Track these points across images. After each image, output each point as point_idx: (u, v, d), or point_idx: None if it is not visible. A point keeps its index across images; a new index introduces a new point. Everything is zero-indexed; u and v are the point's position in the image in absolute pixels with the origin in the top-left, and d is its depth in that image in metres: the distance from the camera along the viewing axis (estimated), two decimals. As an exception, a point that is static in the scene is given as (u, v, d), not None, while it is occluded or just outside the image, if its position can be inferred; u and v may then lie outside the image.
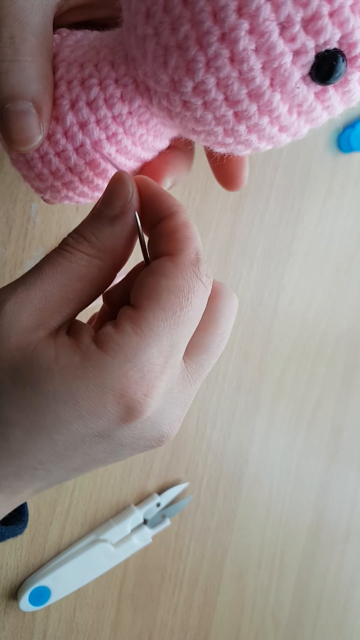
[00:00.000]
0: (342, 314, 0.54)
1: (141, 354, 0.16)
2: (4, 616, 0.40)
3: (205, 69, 0.15)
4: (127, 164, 0.21)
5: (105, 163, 0.20)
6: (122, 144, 0.20)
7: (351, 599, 0.61)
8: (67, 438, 0.16)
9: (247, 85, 0.15)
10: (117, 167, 0.19)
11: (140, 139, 0.20)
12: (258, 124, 0.17)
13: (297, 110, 0.17)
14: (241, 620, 0.52)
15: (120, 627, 0.45)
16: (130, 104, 0.19)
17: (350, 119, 0.49)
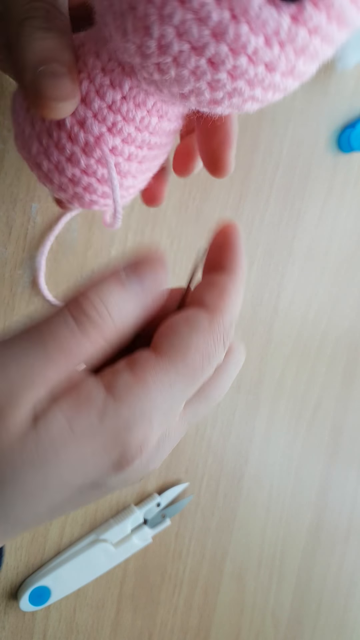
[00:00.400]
0: (343, 314, 0.54)
1: (156, 408, 0.15)
2: (4, 616, 0.40)
3: (159, 21, 0.14)
4: (141, 153, 0.20)
5: (115, 156, 0.19)
6: (124, 132, 0.19)
7: (351, 599, 0.61)
8: (67, 494, 0.15)
9: (207, 24, 0.14)
10: (110, 170, 0.19)
11: (143, 123, 0.19)
12: (237, 66, 0.15)
13: (277, 40, 0.14)
14: (241, 620, 0.52)
15: (120, 627, 0.45)
16: (121, 89, 0.18)
17: (351, 118, 0.49)
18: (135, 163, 0.20)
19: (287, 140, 0.47)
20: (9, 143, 0.35)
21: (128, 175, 0.20)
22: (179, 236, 0.43)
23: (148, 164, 0.21)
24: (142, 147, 0.20)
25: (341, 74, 0.48)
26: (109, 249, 0.39)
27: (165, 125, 0.20)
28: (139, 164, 0.20)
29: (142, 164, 0.20)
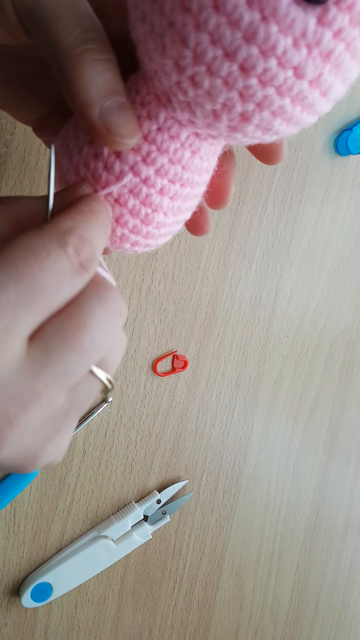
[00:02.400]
0: (340, 314, 0.55)
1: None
2: (6, 612, 0.41)
3: (194, 29, 0.15)
4: (173, 188, 0.20)
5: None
6: (157, 163, 0.19)
7: (349, 594, 0.61)
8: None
9: (239, 26, 0.14)
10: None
11: (176, 155, 0.19)
12: (267, 69, 0.15)
13: (305, 42, 0.15)
14: (240, 615, 0.53)
15: (121, 623, 0.46)
16: (157, 119, 0.19)
17: (348, 122, 0.50)
18: (167, 198, 0.20)
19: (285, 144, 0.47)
20: (12, 147, 0.35)
21: (159, 210, 0.20)
22: (178, 238, 0.43)
23: (180, 202, 0.21)
24: (175, 182, 0.20)
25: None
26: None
27: (198, 162, 0.20)
28: (171, 200, 0.20)
29: (174, 200, 0.20)
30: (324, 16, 0.14)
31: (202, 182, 0.21)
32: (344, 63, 0.15)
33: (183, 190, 0.20)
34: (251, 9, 0.14)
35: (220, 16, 0.14)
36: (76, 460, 0.41)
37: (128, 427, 0.43)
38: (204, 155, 0.20)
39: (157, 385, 0.44)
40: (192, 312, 0.45)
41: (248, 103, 0.16)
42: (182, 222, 0.23)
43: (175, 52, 0.16)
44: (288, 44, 0.14)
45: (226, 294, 0.47)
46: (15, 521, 0.40)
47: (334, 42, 0.15)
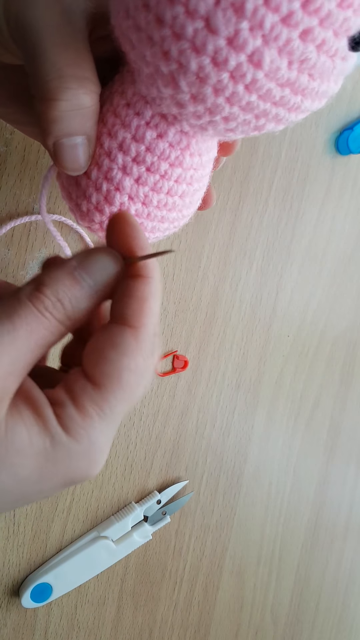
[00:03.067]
0: (340, 314, 0.55)
1: (104, 436, 0.17)
2: (6, 613, 0.41)
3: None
4: (166, 184, 0.21)
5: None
6: (147, 161, 0.20)
7: (350, 595, 0.61)
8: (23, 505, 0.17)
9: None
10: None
11: (165, 153, 0.20)
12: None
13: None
14: (241, 616, 0.53)
15: (121, 624, 0.46)
16: (143, 118, 0.19)
17: (349, 121, 0.50)
18: (130, 179, 0.20)
19: (285, 143, 0.47)
20: (11, 146, 0.35)
21: (122, 190, 0.21)
22: (178, 238, 0.43)
23: (148, 190, 0.21)
24: (139, 163, 0.20)
25: (339, 77, 0.48)
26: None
27: (165, 147, 0.20)
28: (136, 184, 0.21)
29: (140, 185, 0.21)
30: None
31: (176, 176, 0.21)
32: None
33: (149, 177, 0.21)
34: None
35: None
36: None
37: (128, 427, 0.43)
38: (174, 143, 0.20)
39: (157, 385, 0.44)
40: (192, 312, 0.45)
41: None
42: (159, 220, 0.22)
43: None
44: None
45: (226, 294, 0.47)
46: (15, 521, 0.40)
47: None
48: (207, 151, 0.21)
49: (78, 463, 0.16)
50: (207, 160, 0.22)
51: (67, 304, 0.17)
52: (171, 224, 0.23)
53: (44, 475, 0.16)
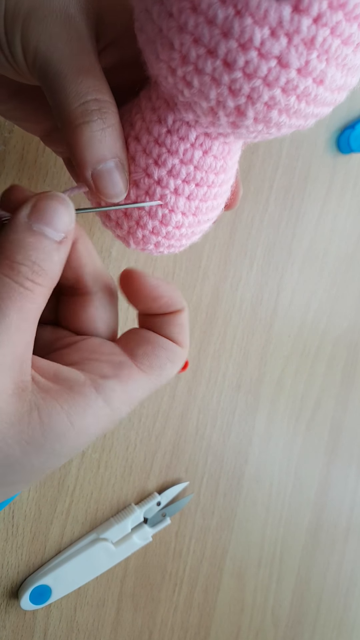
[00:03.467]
0: (342, 314, 0.54)
1: (131, 403, 0.19)
2: (5, 615, 0.40)
3: (177, 32, 0.16)
4: (187, 188, 0.21)
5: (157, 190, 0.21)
6: (168, 164, 0.20)
7: (351, 597, 0.61)
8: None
9: (215, 23, 0.15)
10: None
11: (186, 155, 0.20)
12: (248, 61, 0.15)
13: (283, 32, 0.15)
14: (241, 619, 0.52)
15: (120, 626, 0.45)
16: (166, 123, 0.20)
17: (350, 119, 0.50)
18: (183, 198, 0.21)
19: (286, 142, 0.47)
20: (10, 144, 0.35)
21: (176, 210, 0.21)
22: (179, 237, 0.43)
23: (198, 202, 0.21)
24: (189, 182, 0.20)
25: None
26: (110, 249, 0.40)
27: (211, 161, 0.20)
28: (188, 200, 0.21)
29: (191, 200, 0.21)
30: (300, 3, 0.14)
31: (221, 181, 0.22)
32: (333, 49, 0.15)
33: (199, 190, 0.21)
34: (225, 5, 0.15)
35: (198, 16, 0.15)
36: (75, 462, 0.41)
37: (127, 428, 0.43)
38: (218, 154, 0.21)
39: (157, 386, 0.44)
40: (192, 312, 0.45)
41: (238, 97, 0.16)
42: (207, 222, 0.23)
43: (165, 55, 0.17)
44: (265, 34, 0.15)
45: (227, 294, 0.46)
46: (13, 523, 0.39)
47: (315, 28, 0.15)
48: (229, 154, 0.22)
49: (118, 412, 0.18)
50: (238, 152, 0.22)
51: (42, 264, 0.17)
52: (212, 222, 0.24)
53: (84, 444, 0.17)
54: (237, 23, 0.15)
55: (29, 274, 0.16)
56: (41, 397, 0.16)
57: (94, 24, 0.19)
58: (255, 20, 0.15)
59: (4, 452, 0.15)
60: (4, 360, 0.15)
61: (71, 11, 0.18)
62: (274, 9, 0.14)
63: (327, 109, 0.18)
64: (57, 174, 0.36)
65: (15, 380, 0.16)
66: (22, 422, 0.16)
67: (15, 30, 0.18)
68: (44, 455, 0.16)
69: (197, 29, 0.15)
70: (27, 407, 0.16)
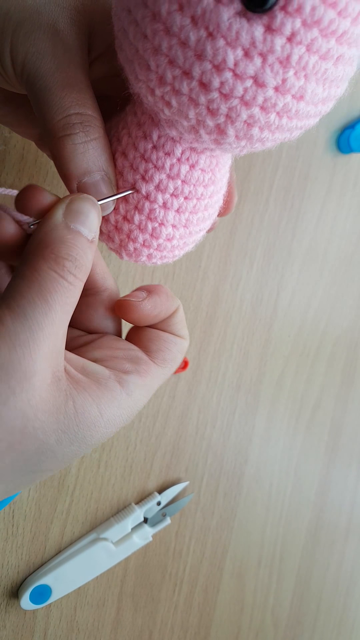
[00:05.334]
0: (342, 314, 0.54)
1: (147, 399, 0.21)
2: (5, 615, 0.40)
3: (153, 54, 0.16)
4: (176, 202, 0.21)
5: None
6: (155, 179, 0.20)
7: (351, 597, 0.61)
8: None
9: (188, 45, 0.15)
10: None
11: (173, 170, 0.20)
12: (223, 82, 0.15)
13: (257, 52, 0.15)
14: (241, 618, 0.52)
15: (120, 626, 0.45)
16: (151, 138, 0.20)
17: (350, 119, 0.50)
18: (172, 211, 0.21)
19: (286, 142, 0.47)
20: (10, 144, 0.35)
21: (166, 223, 0.21)
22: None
23: (188, 214, 0.21)
24: (177, 196, 0.21)
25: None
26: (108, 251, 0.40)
27: (198, 174, 0.20)
28: (177, 213, 0.21)
29: (181, 213, 0.21)
30: (272, 23, 0.14)
31: (210, 192, 0.22)
32: (311, 65, 0.15)
33: (188, 203, 0.21)
34: (197, 28, 0.14)
35: (171, 38, 0.15)
36: (75, 461, 0.41)
37: (127, 428, 0.43)
38: (206, 167, 0.21)
39: (157, 385, 0.44)
40: (192, 312, 0.45)
41: (217, 116, 0.16)
42: (199, 232, 0.23)
43: (143, 75, 0.16)
44: (239, 55, 0.15)
45: (227, 294, 0.46)
46: (13, 523, 0.39)
47: (289, 46, 0.15)
48: (217, 167, 0.22)
49: (136, 406, 0.20)
50: (227, 162, 0.22)
51: (80, 260, 0.17)
52: (205, 231, 0.24)
53: (112, 432, 0.19)
54: (210, 45, 0.14)
55: (72, 268, 0.17)
56: (74, 387, 0.17)
57: (85, 36, 0.19)
58: (228, 42, 0.14)
59: (41, 441, 0.16)
60: (47, 351, 0.16)
61: (60, 25, 0.18)
62: (245, 30, 0.14)
63: (312, 120, 0.18)
64: (57, 173, 0.36)
65: (53, 370, 0.17)
66: (60, 412, 0.16)
67: (4, 43, 0.18)
68: (76, 443, 0.17)
69: (171, 50, 0.15)
70: (64, 397, 0.17)
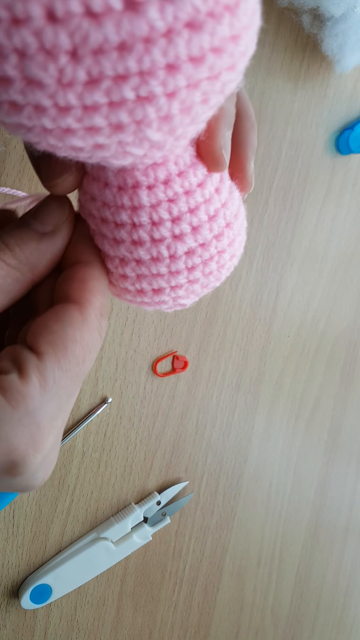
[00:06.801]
0: (341, 314, 0.55)
1: (42, 407, 0.15)
2: (6, 614, 0.41)
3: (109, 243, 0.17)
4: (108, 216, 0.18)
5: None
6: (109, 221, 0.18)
7: (350, 596, 0.61)
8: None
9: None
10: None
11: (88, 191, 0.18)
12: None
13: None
14: (241, 618, 0.52)
15: (120, 625, 0.45)
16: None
17: (349, 120, 0.50)
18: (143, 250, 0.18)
19: (285, 142, 0.47)
20: (11, 145, 0.35)
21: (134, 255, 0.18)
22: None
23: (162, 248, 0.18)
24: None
25: (339, 77, 0.48)
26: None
27: (109, 193, 0.17)
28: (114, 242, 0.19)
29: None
30: None
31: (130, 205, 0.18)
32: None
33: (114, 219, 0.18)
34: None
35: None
36: (75, 461, 0.41)
37: (127, 428, 0.43)
38: (111, 180, 0.17)
39: (157, 385, 0.44)
40: (192, 312, 0.45)
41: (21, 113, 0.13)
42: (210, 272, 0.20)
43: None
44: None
45: (226, 294, 0.46)
46: (14, 522, 0.40)
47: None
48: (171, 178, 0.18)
49: (7, 433, 0.15)
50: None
51: (13, 246, 0.17)
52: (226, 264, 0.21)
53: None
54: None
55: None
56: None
57: None
58: None
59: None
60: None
61: None
62: None
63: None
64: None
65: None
66: None
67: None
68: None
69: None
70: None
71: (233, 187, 0.20)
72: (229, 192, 0.19)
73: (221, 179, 0.18)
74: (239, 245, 0.19)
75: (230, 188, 0.19)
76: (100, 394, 0.42)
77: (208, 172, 0.18)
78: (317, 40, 0.45)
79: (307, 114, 0.47)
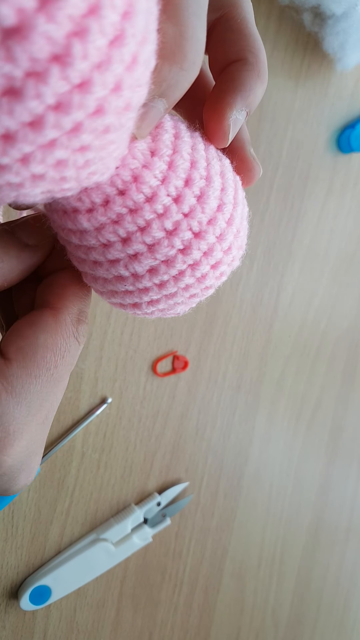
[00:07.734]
0: (342, 314, 0.54)
1: (9, 412, 0.15)
2: (5, 615, 0.40)
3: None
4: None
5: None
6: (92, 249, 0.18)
7: (351, 598, 0.61)
8: None
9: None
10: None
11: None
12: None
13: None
14: (241, 619, 0.52)
15: (120, 627, 0.45)
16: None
17: (350, 119, 0.49)
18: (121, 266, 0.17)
19: (286, 141, 0.47)
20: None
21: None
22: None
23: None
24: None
25: (341, 75, 0.48)
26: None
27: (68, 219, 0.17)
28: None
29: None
30: None
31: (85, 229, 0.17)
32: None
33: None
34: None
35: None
36: (75, 462, 0.41)
37: (127, 429, 0.43)
38: (68, 209, 0.17)
39: (157, 386, 0.44)
40: (192, 312, 0.45)
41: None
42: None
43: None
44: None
45: (227, 294, 0.46)
46: (13, 524, 0.39)
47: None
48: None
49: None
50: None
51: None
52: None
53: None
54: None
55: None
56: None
57: None
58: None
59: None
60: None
61: None
62: None
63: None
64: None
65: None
66: None
67: None
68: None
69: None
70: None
71: (216, 186, 0.17)
72: (207, 196, 0.16)
73: (187, 182, 0.16)
74: (224, 252, 0.17)
75: (207, 189, 0.16)
76: (100, 394, 0.42)
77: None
78: (318, 38, 0.44)
79: (308, 113, 0.47)
